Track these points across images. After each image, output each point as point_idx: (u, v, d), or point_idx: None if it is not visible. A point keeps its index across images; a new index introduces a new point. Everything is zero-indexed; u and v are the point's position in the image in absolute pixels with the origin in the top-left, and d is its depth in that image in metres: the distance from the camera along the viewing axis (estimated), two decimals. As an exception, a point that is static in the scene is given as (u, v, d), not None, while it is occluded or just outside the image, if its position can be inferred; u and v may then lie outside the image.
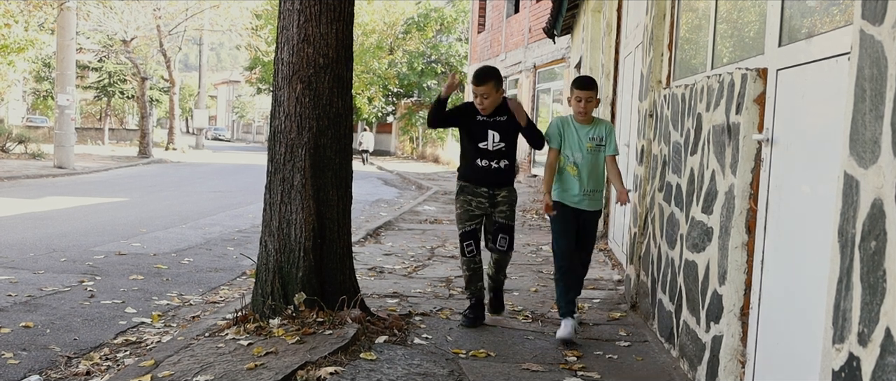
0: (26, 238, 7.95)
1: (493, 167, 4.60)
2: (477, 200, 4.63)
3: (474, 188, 4.63)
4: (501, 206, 4.64)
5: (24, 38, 18.10)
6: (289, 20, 4.29)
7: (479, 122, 4.61)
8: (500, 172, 4.62)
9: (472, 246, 4.67)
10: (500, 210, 4.65)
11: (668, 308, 4.21)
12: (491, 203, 4.63)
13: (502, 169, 4.63)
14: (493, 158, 4.60)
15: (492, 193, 4.62)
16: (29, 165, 20.12)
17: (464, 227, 4.67)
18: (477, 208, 4.65)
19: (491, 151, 4.58)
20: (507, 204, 4.66)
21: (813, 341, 2.36)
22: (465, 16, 32.73)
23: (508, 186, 4.69)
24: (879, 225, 1.77)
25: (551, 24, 13.51)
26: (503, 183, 4.65)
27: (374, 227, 9.43)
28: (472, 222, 4.66)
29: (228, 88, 72.46)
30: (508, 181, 4.69)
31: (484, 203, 4.63)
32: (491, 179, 4.61)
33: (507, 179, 4.67)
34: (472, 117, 4.63)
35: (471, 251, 4.67)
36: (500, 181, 4.63)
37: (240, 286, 6.03)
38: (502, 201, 4.64)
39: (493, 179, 4.61)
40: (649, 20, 5.20)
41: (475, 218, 4.66)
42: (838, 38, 2.36)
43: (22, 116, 42.86)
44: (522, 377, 3.74)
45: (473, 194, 4.63)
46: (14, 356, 4.06)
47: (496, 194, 4.63)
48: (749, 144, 3.03)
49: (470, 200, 4.64)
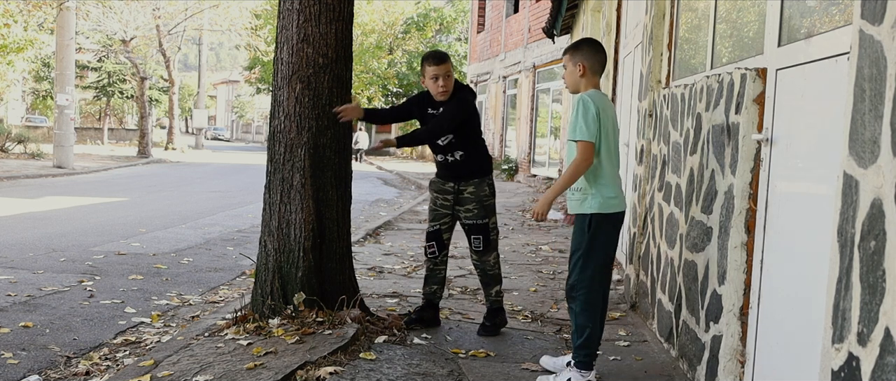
0: (26, 238, 7.94)
1: (449, 161, 4.40)
2: (442, 197, 4.47)
3: (441, 184, 4.47)
4: (468, 204, 4.40)
5: (24, 38, 18.11)
6: (288, 20, 4.29)
7: (430, 115, 4.43)
8: (459, 165, 4.38)
9: (433, 248, 4.51)
10: (466, 209, 4.41)
11: (667, 308, 4.22)
12: (456, 200, 4.43)
13: (460, 161, 4.38)
14: (447, 152, 4.39)
15: (458, 188, 4.41)
16: (28, 164, 20.11)
17: (429, 226, 4.54)
18: (442, 207, 4.48)
19: (441, 146, 4.38)
20: (474, 201, 4.39)
21: (812, 340, 2.36)
22: (465, 16, 32.74)
23: (476, 178, 4.40)
24: (879, 225, 1.77)
25: (551, 23, 13.51)
26: (465, 176, 4.39)
27: (373, 227, 9.42)
28: (436, 222, 4.50)
29: (228, 87, 72.43)
30: (473, 173, 4.40)
31: (449, 200, 4.44)
32: (451, 172, 4.41)
33: (469, 172, 4.39)
34: (425, 111, 4.46)
35: (432, 253, 4.52)
36: (460, 174, 4.39)
37: (239, 286, 6.03)
38: (469, 198, 4.39)
39: (453, 172, 4.40)
40: (649, 20, 5.20)
41: (440, 218, 4.49)
42: (838, 38, 2.36)
43: (21, 116, 42.87)
44: (522, 376, 3.75)
45: (440, 190, 4.48)
46: (14, 356, 4.06)
47: (462, 190, 4.40)
48: (748, 144, 3.03)
49: (436, 197, 4.50)
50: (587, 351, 3.54)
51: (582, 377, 3.53)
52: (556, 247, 8.16)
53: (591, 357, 3.57)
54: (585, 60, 3.63)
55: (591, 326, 3.53)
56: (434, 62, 4.30)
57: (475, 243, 4.44)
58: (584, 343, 3.53)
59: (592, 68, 3.64)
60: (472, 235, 4.44)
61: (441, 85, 4.30)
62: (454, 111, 4.31)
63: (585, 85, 3.65)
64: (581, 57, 3.65)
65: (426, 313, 4.57)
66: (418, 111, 4.51)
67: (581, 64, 3.63)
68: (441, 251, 4.53)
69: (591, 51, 3.67)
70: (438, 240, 4.52)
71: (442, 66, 4.30)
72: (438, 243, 4.52)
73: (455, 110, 4.32)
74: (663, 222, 4.45)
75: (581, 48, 3.70)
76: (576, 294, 3.57)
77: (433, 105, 4.43)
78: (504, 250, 7.92)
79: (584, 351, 3.54)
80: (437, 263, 4.55)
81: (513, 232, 9.42)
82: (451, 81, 4.33)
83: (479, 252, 4.46)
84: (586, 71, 3.63)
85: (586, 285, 3.54)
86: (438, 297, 4.63)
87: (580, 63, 3.64)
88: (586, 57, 3.64)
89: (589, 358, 3.55)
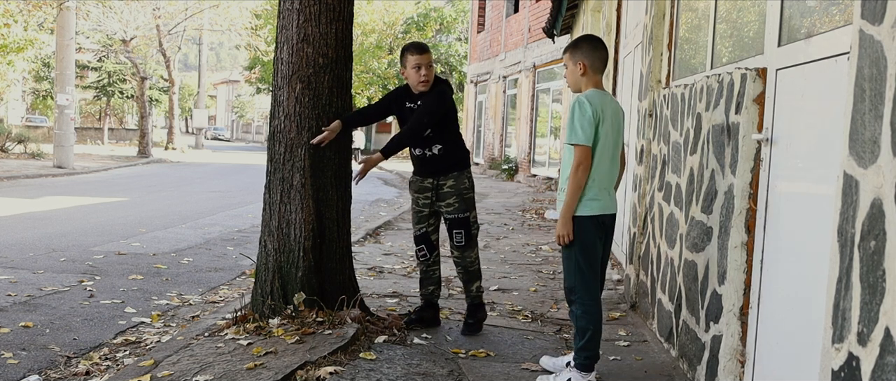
0: (26, 238, 7.94)
1: (428, 155, 4.35)
2: (422, 195, 4.43)
3: (420, 182, 4.43)
4: (448, 198, 4.36)
5: (24, 38, 18.11)
6: (288, 20, 4.29)
7: (408, 109, 4.39)
8: (437, 159, 4.34)
9: (424, 251, 4.50)
10: (447, 203, 4.37)
11: (667, 308, 4.22)
12: (436, 195, 4.38)
13: (438, 155, 4.33)
14: (424, 146, 4.34)
15: (437, 183, 4.36)
16: (28, 164, 20.11)
17: (414, 230, 4.52)
18: (424, 206, 4.44)
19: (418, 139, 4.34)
20: (455, 195, 4.35)
21: (812, 340, 2.36)
22: (465, 16, 32.74)
23: (455, 172, 4.36)
24: (879, 225, 1.77)
25: (551, 23, 13.52)
26: (444, 170, 4.35)
27: (373, 226, 9.43)
28: (421, 224, 4.48)
29: (228, 87, 72.44)
30: (451, 167, 4.36)
31: (429, 197, 4.40)
32: (429, 168, 4.37)
33: (447, 166, 4.35)
34: (402, 106, 4.42)
35: (423, 256, 4.52)
36: (438, 168, 4.35)
37: (239, 286, 6.03)
38: (449, 193, 4.35)
39: (431, 167, 4.36)
40: (649, 20, 5.20)
41: (424, 219, 4.47)
42: (838, 38, 2.36)
43: (21, 116, 42.87)
44: (522, 376, 3.75)
45: (419, 188, 4.44)
46: (14, 356, 4.06)
47: (442, 185, 4.36)
48: (748, 144, 3.03)
49: (417, 197, 4.47)
50: (588, 353, 3.52)
51: (582, 379, 3.51)
52: (557, 247, 8.16)
53: (592, 359, 3.54)
54: (585, 58, 3.57)
55: (592, 328, 3.50)
56: (417, 51, 4.29)
57: (457, 238, 4.40)
58: (585, 345, 3.50)
59: (593, 66, 3.57)
60: (454, 229, 4.40)
61: (423, 75, 4.28)
62: (434, 104, 4.29)
63: (587, 84, 3.58)
64: (581, 55, 3.59)
65: (426, 313, 4.57)
66: (396, 107, 4.47)
67: (581, 62, 3.58)
68: (432, 253, 4.53)
69: (590, 48, 3.61)
70: (427, 242, 4.51)
71: (424, 55, 4.29)
72: (428, 245, 4.51)
73: (434, 103, 4.29)
74: (663, 222, 4.45)
75: (580, 46, 3.63)
76: (574, 297, 3.54)
77: (411, 98, 4.40)
78: (504, 250, 7.93)
79: (584, 353, 3.52)
80: (430, 264, 4.55)
81: (513, 232, 9.41)
82: (432, 72, 4.33)
83: (461, 247, 4.43)
84: (587, 69, 3.57)
85: (581, 287, 3.51)
86: (437, 296, 4.63)
87: (580, 62, 3.58)
88: (586, 55, 3.58)
89: (590, 360, 3.53)
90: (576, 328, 3.57)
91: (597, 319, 3.53)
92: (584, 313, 3.51)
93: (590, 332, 3.50)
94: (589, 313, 3.50)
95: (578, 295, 3.52)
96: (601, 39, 3.75)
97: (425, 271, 4.57)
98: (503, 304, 5.28)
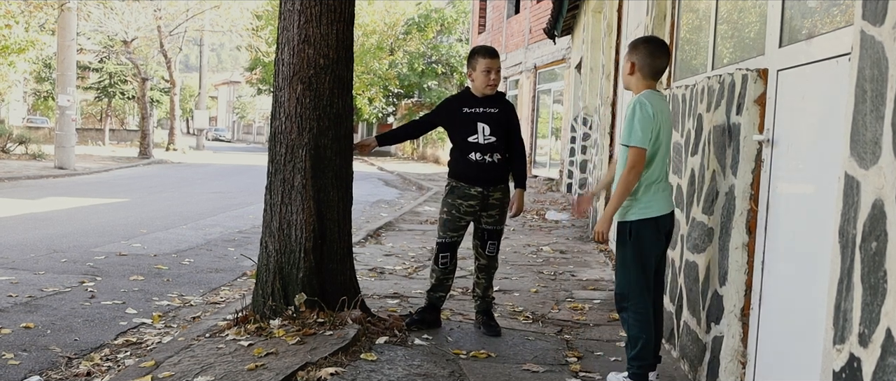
0: (27, 239, 7.95)
1: (488, 162, 4.30)
2: (467, 203, 4.34)
3: (467, 189, 4.34)
4: (492, 210, 4.37)
5: (25, 39, 18.13)
6: (289, 21, 4.29)
7: (467, 114, 4.34)
8: (495, 168, 4.33)
9: (447, 258, 4.44)
10: (489, 215, 4.38)
11: (668, 309, 4.21)
12: (482, 206, 4.36)
13: (497, 164, 4.32)
14: (487, 152, 4.31)
15: (485, 193, 4.34)
16: (29, 165, 20.12)
17: (445, 237, 4.41)
18: (466, 214, 4.37)
19: (482, 145, 4.30)
20: (498, 208, 4.39)
21: (813, 341, 2.35)
22: (466, 16, 32.74)
23: (503, 185, 4.40)
24: (880, 226, 1.77)
25: (552, 24, 13.52)
26: (497, 181, 4.36)
27: (374, 227, 9.43)
28: (456, 233, 4.40)
29: (229, 88, 72.50)
30: (502, 179, 4.38)
31: (474, 206, 4.35)
32: (485, 175, 4.31)
33: (499, 176, 4.36)
34: (458, 110, 4.38)
35: (444, 263, 4.44)
36: (494, 178, 4.34)
37: (240, 287, 6.03)
38: (495, 205, 4.37)
39: (488, 175, 4.32)
40: (650, 21, 5.20)
41: (460, 229, 4.40)
42: (839, 39, 2.36)
43: (22, 117, 42.91)
44: (523, 377, 3.74)
45: (464, 196, 4.34)
46: (15, 357, 4.06)
47: (489, 196, 4.35)
48: (749, 145, 3.03)
49: (459, 204, 4.35)
50: (640, 362, 3.37)
51: None
52: (558, 248, 8.16)
53: (645, 369, 3.39)
54: (637, 60, 3.37)
55: (644, 336, 3.35)
56: (488, 55, 4.38)
57: (490, 249, 4.47)
58: (637, 354, 3.37)
59: (642, 70, 3.35)
60: (490, 240, 4.45)
61: (493, 79, 4.36)
62: (516, 118, 4.56)
63: (636, 85, 3.40)
64: (635, 55, 3.39)
65: (427, 315, 4.57)
66: (447, 116, 4.46)
67: (631, 62, 3.39)
68: (453, 260, 4.50)
69: (646, 52, 3.38)
70: (453, 251, 4.47)
71: (495, 59, 4.39)
72: (452, 254, 4.48)
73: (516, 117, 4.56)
74: (664, 223, 4.44)
75: (638, 47, 3.43)
76: (626, 304, 3.39)
77: (470, 103, 4.39)
78: (505, 250, 7.92)
79: (637, 362, 3.38)
80: (448, 272, 4.50)
81: (514, 233, 9.41)
82: (500, 77, 4.45)
83: (492, 256, 4.51)
84: (635, 70, 3.37)
85: (635, 294, 3.36)
86: (443, 301, 4.64)
87: (631, 61, 3.39)
88: (638, 57, 3.37)
89: (642, 369, 3.38)
90: (628, 337, 3.42)
91: (649, 327, 3.37)
92: (636, 321, 3.36)
93: (642, 340, 3.35)
94: (641, 321, 3.35)
95: (632, 302, 3.37)
96: (665, 47, 3.53)
97: (441, 278, 4.51)
98: (504, 305, 5.28)
